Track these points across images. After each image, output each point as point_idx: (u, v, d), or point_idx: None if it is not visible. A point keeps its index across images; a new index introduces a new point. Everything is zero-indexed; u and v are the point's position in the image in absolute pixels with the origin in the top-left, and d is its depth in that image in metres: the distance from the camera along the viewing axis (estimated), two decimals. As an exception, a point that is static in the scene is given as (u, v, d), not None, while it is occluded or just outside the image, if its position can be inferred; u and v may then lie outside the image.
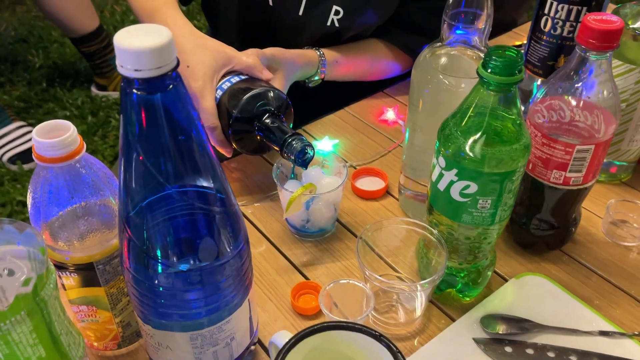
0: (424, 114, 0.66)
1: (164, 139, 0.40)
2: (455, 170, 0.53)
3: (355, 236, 0.72)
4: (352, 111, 0.94)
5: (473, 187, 0.53)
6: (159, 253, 0.44)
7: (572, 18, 0.72)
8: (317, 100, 0.95)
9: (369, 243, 0.62)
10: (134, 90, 0.38)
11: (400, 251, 0.66)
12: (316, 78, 0.88)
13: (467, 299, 0.64)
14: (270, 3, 0.88)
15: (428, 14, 0.88)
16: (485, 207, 0.54)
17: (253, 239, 0.72)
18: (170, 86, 0.38)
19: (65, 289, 0.53)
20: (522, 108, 0.54)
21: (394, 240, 0.65)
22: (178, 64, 0.38)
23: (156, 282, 0.45)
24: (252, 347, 0.57)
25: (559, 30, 0.73)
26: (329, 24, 0.87)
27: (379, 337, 0.44)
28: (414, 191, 0.74)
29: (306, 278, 0.67)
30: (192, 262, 0.45)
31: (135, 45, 0.35)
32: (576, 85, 0.58)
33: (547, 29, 0.74)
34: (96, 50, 1.85)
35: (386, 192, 0.79)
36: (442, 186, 0.55)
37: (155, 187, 0.43)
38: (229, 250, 0.47)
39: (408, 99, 0.69)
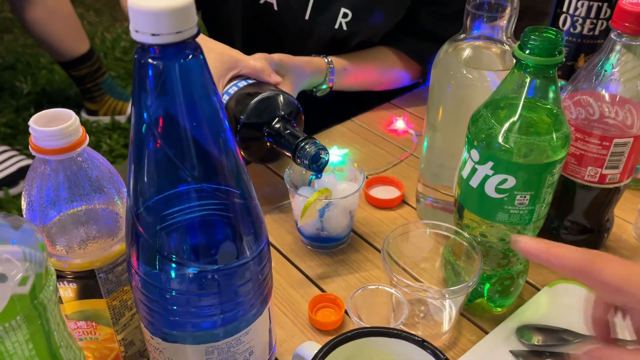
0: (446, 113, 0.63)
1: (182, 120, 0.36)
2: (490, 164, 0.49)
3: (372, 246, 0.67)
4: (360, 122, 0.90)
5: (511, 181, 0.49)
6: (173, 252, 0.39)
7: (592, 15, 0.69)
8: (322, 112, 0.92)
9: (390, 253, 0.57)
10: (150, 60, 0.33)
11: (426, 260, 0.61)
12: (324, 87, 0.84)
13: (499, 309, 0.59)
14: (275, 7, 0.85)
15: (439, 19, 0.85)
16: (524, 204, 0.50)
17: (263, 252, 0.67)
18: (191, 56, 0.34)
19: (62, 303, 0.48)
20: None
21: (418, 250, 0.61)
22: (199, 33, 0.34)
23: (169, 285, 0.40)
24: (270, 365, 0.51)
25: (578, 29, 0.71)
26: (337, 27, 0.84)
27: (421, 343, 0.39)
28: (435, 199, 0.69)
29: (323, 291, 0.62)
30: (209, 262, 0.40)
31: (153, 6, 0.31)
32: (609, 76, 0.55)
33: (565, 28, 0.71)
34: (86, 74, 1.81)
35: (402, 201, 0.74)
36: (475, 182, 0.51)
37: (172, 178, 0.38)
38: (249, 250, 0.42)
39: (426, 103, 0.65)
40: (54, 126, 0.41)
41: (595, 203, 0.60)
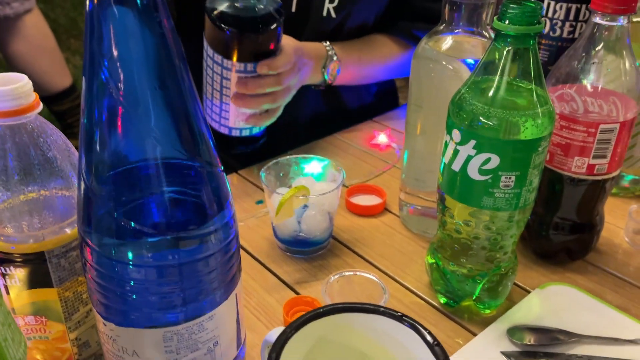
0: (427, 111, 0.61)
1: (138, 78, 0.33)
2: (472, 142, 0.46)
3: (354, 252, 0.64)
4: (342, 137, 0.88)
5: (494, 161, 0.46)
6: (127, 223, 0.36)
7: (571, 17, 0.68)
8: (305, 130, 0.90)
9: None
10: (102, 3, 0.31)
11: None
12: (328, 73, 0.82)
13: (488, 311, 0.55)
14: None
15: None
16: (509, 186, 0.47)
17: (237, 258, 0.63)
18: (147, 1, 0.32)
19: (8, 293, 0.43)
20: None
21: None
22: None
23: (123, 259, 0.36)
24: (239, 368, 0.47)
25: (558, 32, 0.70)
26: (325, 14, 0.82)
27: (400, 318, 0.35)
28: (417, 206, 0.67)
29: (299, 294, 0.58)
30: (166, 232, 0.37)
31: None
32: (591, 62, 0.54)
33: (545, 32, 0.71)
34: (68, 108, 1.79)
35: (385, 209, 0.71)
36: (457, 166, 0.48)
37: (128, 140, 0.35)
38: (211, 221, 0.38)
39: (405, 112, 0.64)
40: (3, 86, 0.38)
41: (584, 198, 0.58)
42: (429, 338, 0.33)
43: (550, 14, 0.69)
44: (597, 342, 0.51)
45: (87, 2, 0.32)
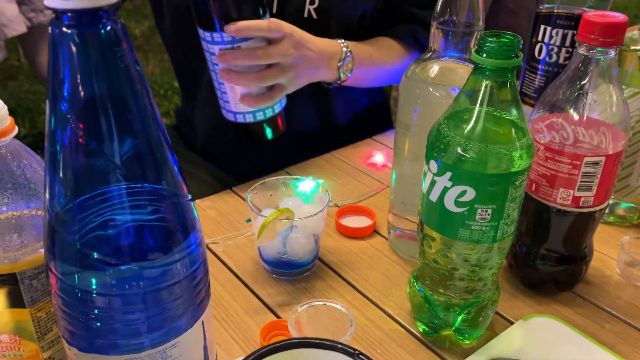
0: (414, 135, 0.60)
1: (100, 102, 0.34)
2: (449, 174, 0.46)
3: (339, 275, 0.64)
4: (339, 155, 0.88)
5: (470, 193, 0.46)
6: (91, 250, 0.36)
7: (567, 44, 0.68)
8: (302, 146, 0.90)
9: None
10: (64, 29, 0.31)
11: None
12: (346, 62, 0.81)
13: (467, 342, 0.54)
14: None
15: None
16: (486, 219, 0.46)
17: (222, 278, 0.63)
18: (109, 26, 0.32)
19: (-17, 312, 0.44)
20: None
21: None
22: (119, 4, 0.32)
23: (87, 286, 0.37)
24: (209, 393, 0.47)
25: (554, 58, 0.69)
26: (306, 15, 0.82)
27: (356, 355, 0.35)
28: (404, 229, 0.66)
29: (279, 317, 0.58)
30: (130, 261, 0.37)
31: (64, -33, 0.30)
32: (579, 94, 0.53)
33: (541, 57, 0.70)
34: None
35: (374, 232, 0.71)
36: (434, 196, 0.48)
37: (90, 169, 0.36)
38: (175, 249, 0.38)
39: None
40: (-21, 113, 0.39)
41: (571, 230, 0.57)
42: (382, 379, 0.33)
43: (546, 40, 0.69)
44: (577, 379, 0.50)
45: (50, 27, 0.33)
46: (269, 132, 0.75)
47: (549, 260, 0.59)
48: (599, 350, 0.53)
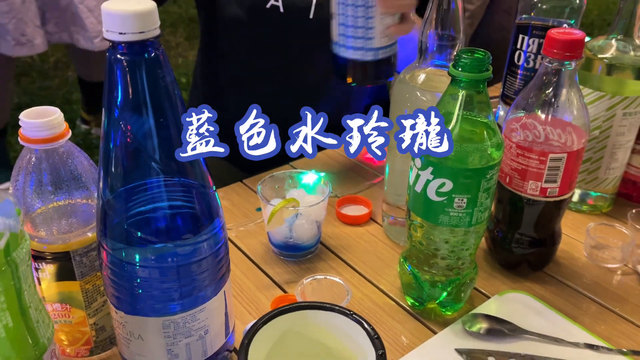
0: (404, 133, 0.69)
1: (145, 110, 0.42)
2: (430, 169, 0.54)
3: (338, 257, 0.72)
4: (339, 150, 0.97)
5: (448, 185, 0.54)
6: (136, 231, 0.45)
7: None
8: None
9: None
10: (118, 55, 0.40)
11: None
12: None
13: (449, 313, 0.63)
14: (282, 10, 0.89)
15: None
16: (462, 207, 0.55)
17: (236, 259, 0.72)
18: (153, 53, 0.40)
19: (40, 284, 0.53)
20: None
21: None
22: (160, 35, 0.41)
23: (132, 260, 0.45)
24: (227, 353, 0.55)
25: (531, 64, 0.77)
26: (312, 16, 0.88)
27: (350, 315, 0.43)
28: (397, 217, 0.75)
29: (286, 293, 0.66)
30: (168, 240, 0.46)
31: (121, 9, 0.38)
32: (546, 99, 0.61)
33: (520, 63, 0.78)
34: (99, 93, 2.05)
35: (370, 219, 0.79)
36: (419, 187, 0.56)
37: (136, 167, 0.44)
38: (204, 231, 0.47)
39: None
40: (40, 119, 0.47)
41: (541, 216, 0.65)
42: (370, 331, 0.41)
43: (524, 47, 0.77)
44: (541, 340, 0.59)
45: (107, 53, 0.41)
46: (392, 70, 0.77)
47: (522, 244, 0.67)
48: (564, 321, 0.62)
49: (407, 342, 0.60)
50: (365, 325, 0.42)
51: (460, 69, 0.52)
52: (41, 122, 0.47)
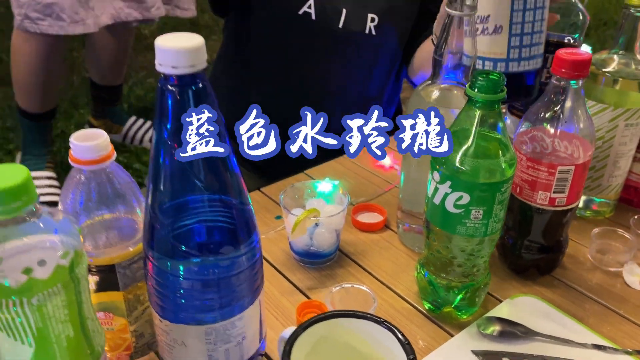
0: (419, 145, 0.72)
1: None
2: (449, 183, 0.58)
3: (356, 263, 0.76)
4: (355, 159, 1.00)
5: (466, 198, 0.58)
6: (181, 246, 0.48)
7: (548, 65, 0.80)
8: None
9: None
10: (169, 87, 0.43)
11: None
12: None
13: (464, 316, 0.67)
14: (313, 17, 0.92)
15: None
16: (478, 218, 0.59)
17: (259, 266, 0.75)
18: (200, 84, 0.44)
19: (85, 294, 0.56)
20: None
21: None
22: (207, 68, 0.44)
23: (177, 273, 0.49)
24: (260, 358, 0.59)
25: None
26: (367, 32, 0.92)
27: (382, 323, 0.47)
28: (411, 224, 0.78)
29: (309, 298, 0.70)
30: (210, 254, 0.49)
31: (174, 46, 0.42)
32: (554, 113, 0.65)
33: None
34: (108, 99, 2.09)
35: (385, 226, 0.83)
36: (437, 200, 0.60)
37: (183, 187, 0.48)
38: (243, 245, 0.51)
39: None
40: (89, 142, 0.51)
41: (549, 224, 0.69)
42: (401, 338, 0.45)
43: (531, 61, 0.80)
44: (551, 341, 0.63)
45: (158, 83, 0.45)
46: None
47: (531, 250, 0.71)
48: (572, 322, 0.66)
49: (425, 345, 0.64)
50: (397, 333, 0.46)
51: (476, 90, 0.56)
52: (90, 145, 0.50)
